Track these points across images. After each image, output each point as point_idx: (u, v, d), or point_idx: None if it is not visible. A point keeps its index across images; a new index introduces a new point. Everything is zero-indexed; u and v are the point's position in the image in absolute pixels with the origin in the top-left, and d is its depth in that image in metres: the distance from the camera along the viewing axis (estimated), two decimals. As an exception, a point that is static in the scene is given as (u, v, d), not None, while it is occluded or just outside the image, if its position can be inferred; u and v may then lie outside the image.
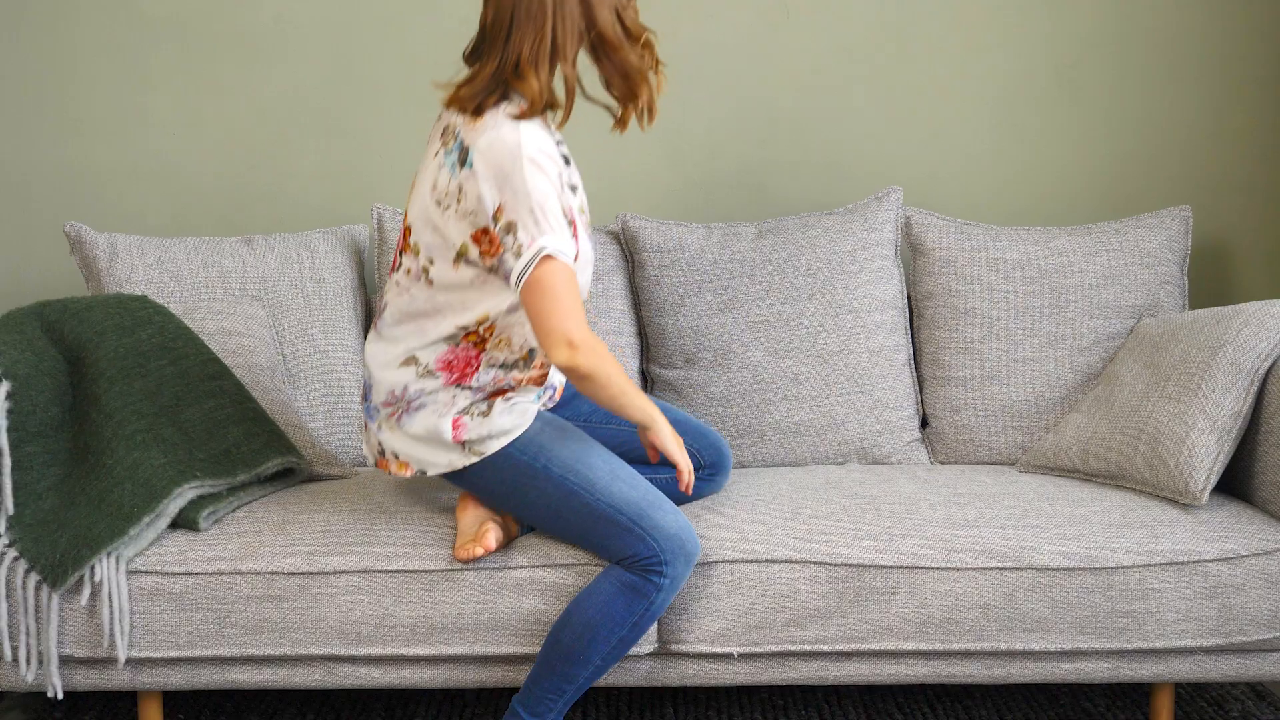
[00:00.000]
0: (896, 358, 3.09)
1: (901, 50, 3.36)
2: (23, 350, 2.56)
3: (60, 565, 2.42)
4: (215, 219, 3.37)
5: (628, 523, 2.39)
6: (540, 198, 2.27)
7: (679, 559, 2.38)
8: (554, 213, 2.28)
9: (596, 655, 2.39)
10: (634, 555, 2.38)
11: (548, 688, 2.41)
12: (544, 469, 2.43)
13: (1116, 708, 2.85)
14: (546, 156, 2.30)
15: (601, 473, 2.42)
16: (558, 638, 2.40)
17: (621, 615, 2.37)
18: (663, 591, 2.38)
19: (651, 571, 2.37)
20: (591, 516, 2.41)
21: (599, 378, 2.32)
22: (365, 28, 3.35)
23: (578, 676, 2.40)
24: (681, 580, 2.40)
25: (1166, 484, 2.60)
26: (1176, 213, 3.15)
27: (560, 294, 2.27)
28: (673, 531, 2.39)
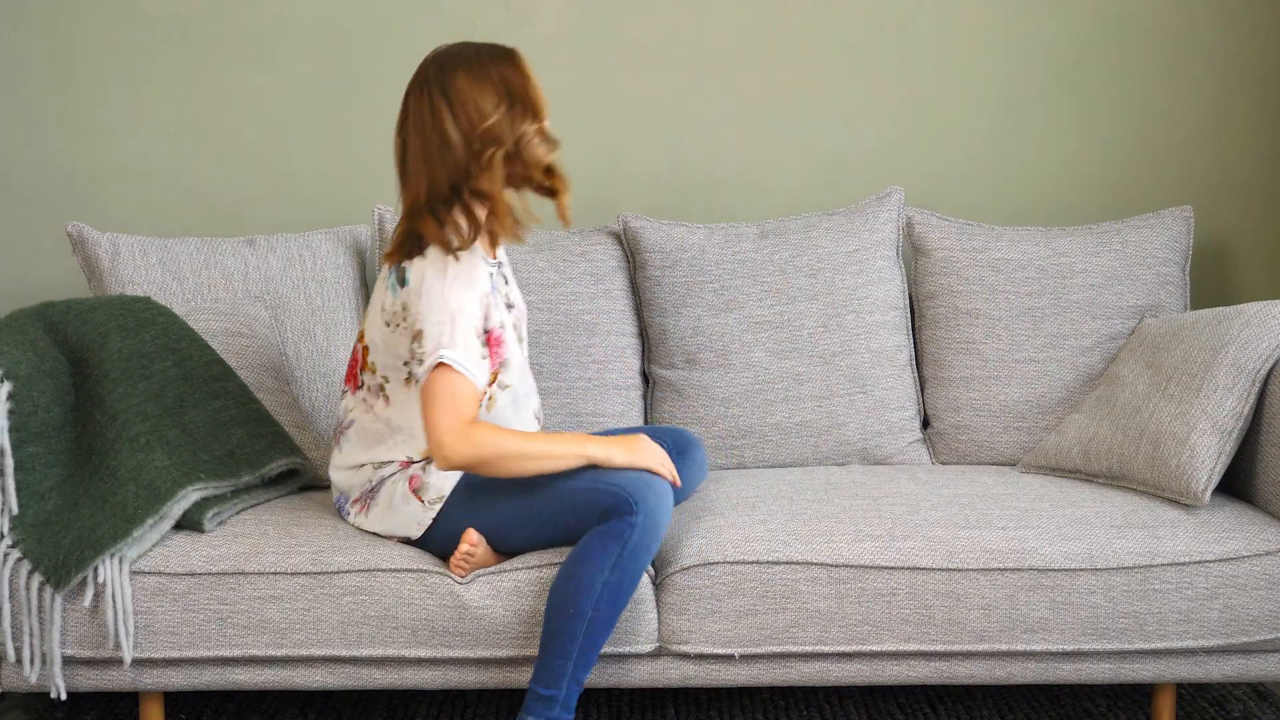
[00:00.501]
0: (898, 358, 3.09)
1: (903, 50, 3.36)
2: (24, 351, 2.56)
3: (63, 566, 2.42)
4: (217, 219, 3.37)
5: (588, 485, 2.42)
6: (453, 312, 2.40)
7: (647, 495, 2.39)
8: (464, 330, 2.40)
9: (586, 605, 2.36)
10: (604, 509, 2.40)
11: (554, 652, 2.39)
12: (499, 484, 2.48)
13: (1118, 708, 2.85)
14: (470, 279, 2.43)
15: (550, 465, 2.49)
16: (550, 597, 2.40)
17: (599, 557, 2.37)
18: (636, 529, 2.37)
19: (624, 513, 2.38)
20: (557, 500, 2.45)
21: (490, 459, 2.40)
22: (366, 28, 3.35)
23: (575, 633, 2.38)
24: (658, 520, 2.39)
25: (1168, 484, 2.60)
26: (1178, 213, 3.15)
27: (442, 399, 2.38)
28: (634, 476, 2.43)
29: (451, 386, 2.39)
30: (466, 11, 3.36)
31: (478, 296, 2.44)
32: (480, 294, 2.45)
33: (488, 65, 2.47)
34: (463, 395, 2.39)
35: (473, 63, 2.46)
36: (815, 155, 3.39)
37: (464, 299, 2.42)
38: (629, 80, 3.37)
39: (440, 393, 2.38)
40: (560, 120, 3.38)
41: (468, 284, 2.43)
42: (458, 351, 2.39)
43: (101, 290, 3.06)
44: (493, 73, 2.46)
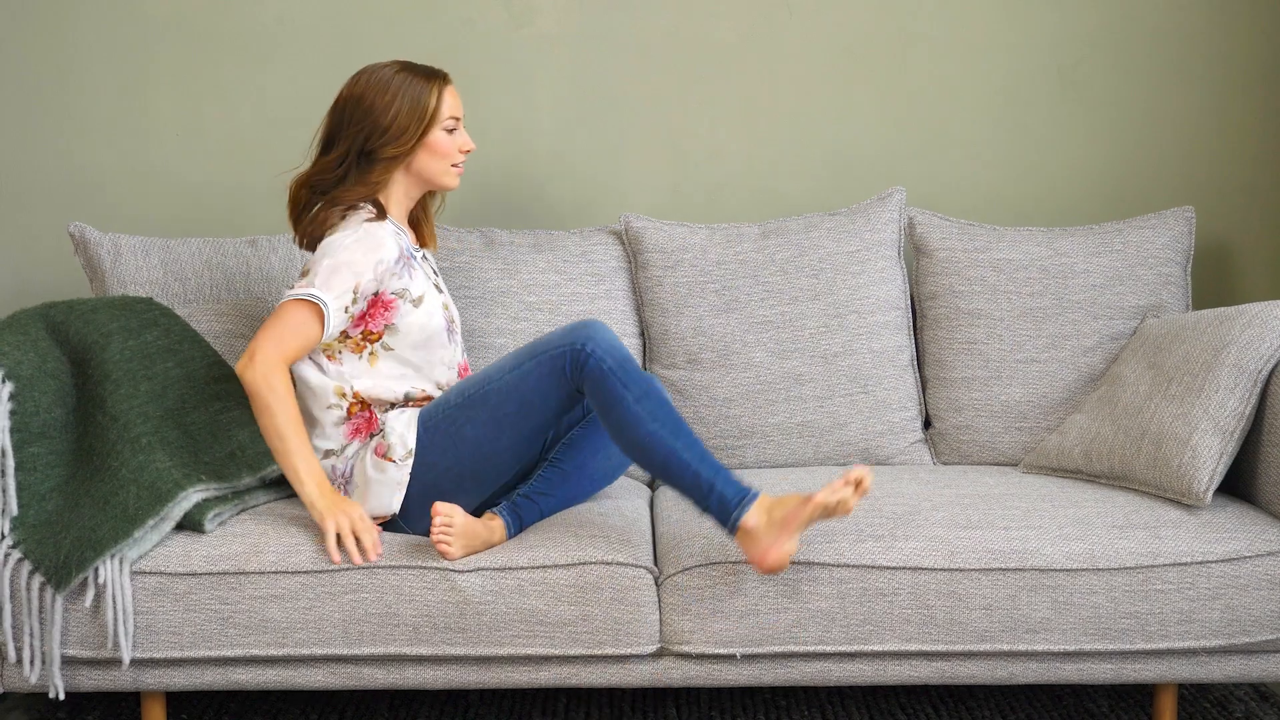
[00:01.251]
0: (900, 358, 3.09)
1: (904, 50, 3.36)
2: (26, 351, 2.56)
3: (64, 567, 2.42)
4: (218, 220, 3.37)
5: (531, 362, 2.52)
6: (340, 263, 2.56)
7: (580, 331, 2.49)
8: (341, 282, 2.55)
9: (649, 430, 2.45)
10: (562, 367, 2.50)
11: (682, 479, 2.44)
12: (453, 408, 2.56)
13: (1120, 709, 2.85)
14: (372, 244, 2.60)
15: (486, 370, 2.59)
16: (639, 462, 2.48)
17: (611, 401, 2.46)
18: (603, 355, 2.47)
19: (582, 357, 2.47)
20: (515, 389, 2.53)
21: (256, 404, 2.52)
22: (368, 28, 3.35)
23: (675, 452, 2.44)
24: (605, 335, 2.49)
25: (1169, 485, 2.60)
26: (1180, 213, 3.15)
27: (286, 324, 2.54)
28: (560, 331, 2.53)
29: (298, 319, 2.54)
30: (467, 12, 3.36)
31: (374, 260, 2.59)
32: (376, 259, 2.59)
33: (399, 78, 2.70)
34: (298, 330, 2.54)
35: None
36: (817, 155, 3.39)
37: (355, 256, 2.57)
38: (630, 80, 3.37)
39: (287, 318, 2.54)
40: (561, 120, 3.40)
41: (367, 245, 2.59)
42: (330, 296, 2.54)
43: (103, 291, 3.06)
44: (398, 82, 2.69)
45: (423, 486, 2.56)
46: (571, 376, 2.50)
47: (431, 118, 2.68)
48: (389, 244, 2.62)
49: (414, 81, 2.67)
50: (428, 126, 2.67)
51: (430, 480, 2.56)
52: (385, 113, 2.65)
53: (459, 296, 3.08)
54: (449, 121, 2.70)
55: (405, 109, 2.65)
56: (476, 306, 3.08)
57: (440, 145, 2.70)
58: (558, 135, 3.38)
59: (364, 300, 2.59)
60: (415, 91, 2.67)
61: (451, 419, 2.56)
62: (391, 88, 2.65)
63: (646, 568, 2.49)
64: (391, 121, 2.65)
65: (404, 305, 2.63)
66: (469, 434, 2.55)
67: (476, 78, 3.36)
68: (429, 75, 2.70)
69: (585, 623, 2.46)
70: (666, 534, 2.61)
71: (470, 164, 3.34)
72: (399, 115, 2.65)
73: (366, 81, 2.67)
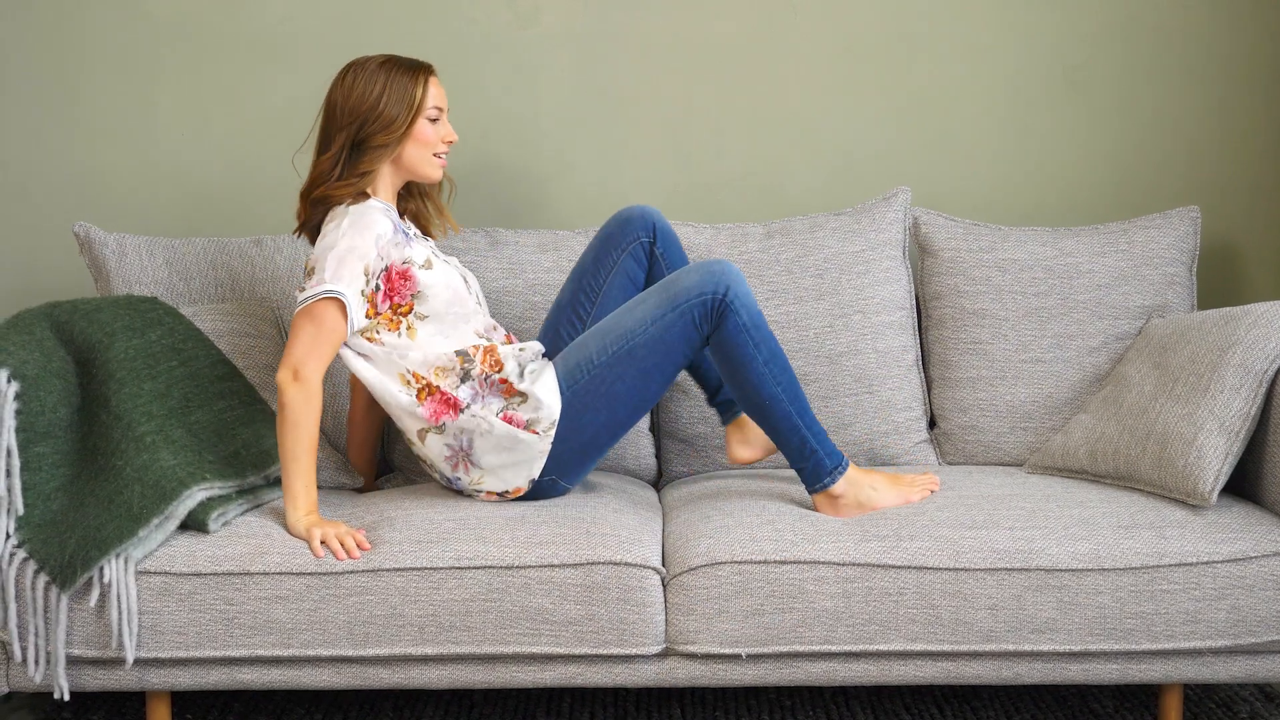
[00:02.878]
0: (904, 358, 3.09)
1: (909, 50, 3.36)
2: (31, 351, 2.56)
3: (69, 566, 2.42)
4: (224, 219, 3.37)
5: (670, 310, 2.59)
6: (343, 251, 2.59)
7: (719, 276, 2.58)
8: (350, 269, 2.59)
9: (771, 388, 2.59)
10: (701, 315, 2.58)
11: (788, 438, 2.61)
12: (600, 367, 2.63)
13: (1125, 709, 2.85)
14: (366, 222, 2.63)
15: (625, 322, 2.64)
16: (750, 413, 2.63)
17: (743, 352, 2.59)
18: (741, 305, 2.57)
19: (720, 305, 2.58)
20: (657, 344, 2.60)
21: (289, 418, 2.54)
22: (372, 28, 3.35)
23: (787, 412, 2.60)
24: (741, 283, 2.59)
25: (1175, 485, 2.60)
26: (1185, 213, 3.15)
27: (319, 332, 2.58)
28: (691, 272, 2.61)
29: (329, 321, 2.58)
30: (471, 12, 3.36)
31: (372, 237, 2.62)
32: (374, 235, 2.62)
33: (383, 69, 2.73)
34: (331, 333, 2.58)
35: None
36: (821, 155, 3.39)
37: (354, 240, 2.61)
38: (634, 80, 3.37)
39: (320, 322, 2.58)
40: (566, 120, 3.40)
41: (361, 226, 2.62)
42: (345, 286, 2.58)
43: (108, 290, 3.06)
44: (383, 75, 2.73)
45: (570, 447, 2.64)
46: (710, 321, 2.59)
47: (418, 107, 2.71)
48: (379, 218, 2.65)
49: (400, 73, 2.72)
50: (414, 115, 2.71)
51: (582, 440, 2.65)
52: (375, 103, 2.69)
53: (464, 296, 3.08)
54: (432, 111, 2.74)
55: (393, 99, 2.70)
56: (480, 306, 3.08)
57: (424, 134, 2.73)
58: (562, 135, 3.38)
59: (375, 279, 2.63)
60: (402, 82, 2.71)
61: (600, 378, 2.63)
62: (379, 79, 2.70)
63: (653, 568, 2.49)
64: (381, 111, 2.69)
65: (418, 271, 2.67)
66: (620, 390, 2.63)
67: (480, 77, 3.36)
68: (414, 67, 2.74)
69: (591, 622, 2.46)
70: (673, 534, 2.61)
71: (474, 163, 3.35)
72: (388, 105, 2.69)
73: (354, 75, 2.71)
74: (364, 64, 2.72)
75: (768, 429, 2.63)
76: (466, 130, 3.33)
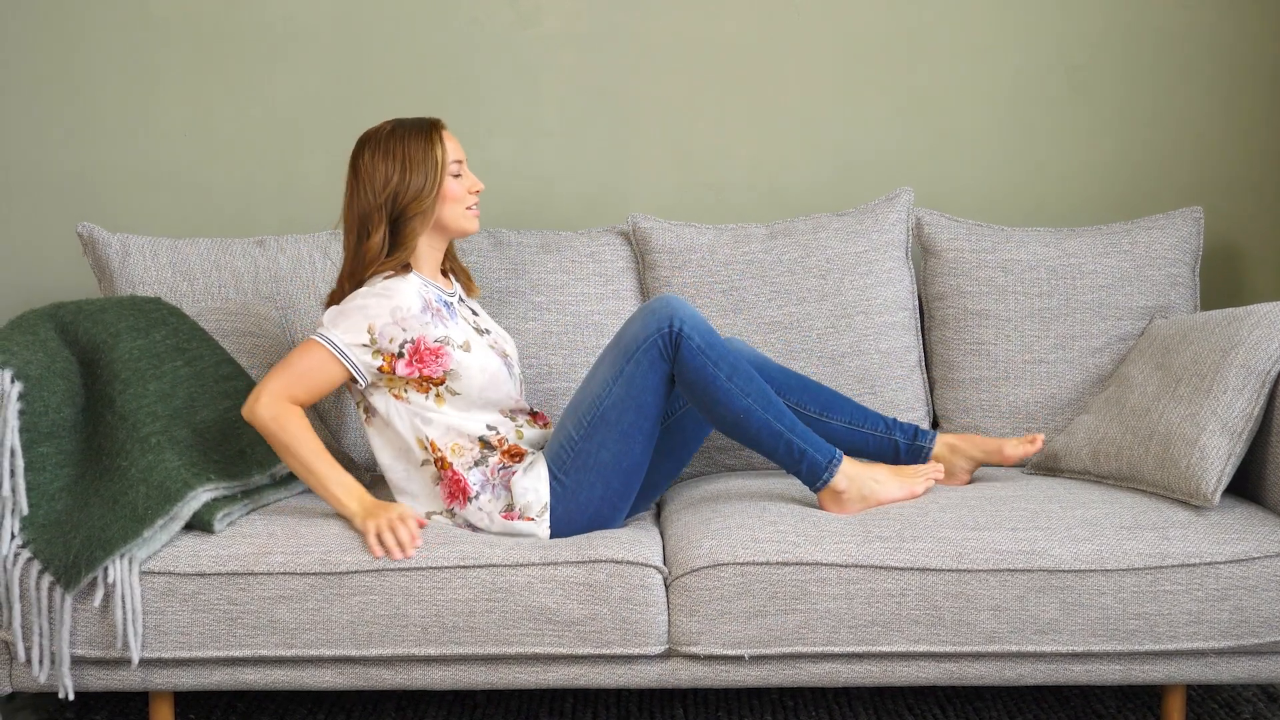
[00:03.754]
0: (907, 359, 3.09)
1: (912, 50, 3.36)
2: (35, 351, 2.56)
3: (73, 567, 2.42)
4: (227, 220, 3.37)
5: (627, 352, 2.59)
6: (351, 309, 2.61)
7: (664, 308, 2.58)
8: (349, 322, 2.59)
9: (742, 403, 2.57)
10: (660, 349, 2.57)
11: (775, 449, 2.60)
12: (579, 442, 2.61)
13: (1128, 710, 2.85)
14: (386, 292, 2.62)
15: (590, 391, 2.64)
16: (733, 436, 2.60)
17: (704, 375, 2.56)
18: (693, 332, 2.56)
19: (674, 337, 2.57)
20: (625, 399, 2.59)
21: (273, 441, 2.56)
22: (375, 28, 3.35)
23: (767, 425, 2.58)
24: (690, 310, 2.59)
25: (1178, 485, 2.60)
26: (1188, 214, 3.15)
27: (293, 364, 2.58)
28: (650, 310, 2.60)
29: (307, 361, 2.58)
30: (474, 12, 3.36)
31: (389, 306, 2.60)
32: (392, 305, 2.60)
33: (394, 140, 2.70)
34: (307, 373, 2.57)
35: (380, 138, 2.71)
36: (824, 156, 3.39)
37: (368, 301, 2.60)
38: (637, 80, 3.37)
39: (295, 359, 2.58)
40: (569, 120, 3.40)
41: (381, 294, 2.62)
42: (339, 334, 2.58)
43: (112, 291, 3.07)
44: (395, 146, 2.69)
45: (575, 527, 2.61)
46: (668, 358, 2.57)
47: (441, 168, 2.68)
48: (407, 292, 2.62)
49: (414, 137, 2.68)
50: (440, 177, 2.67)
51: (585, 518, 2.61)
52: (402, 176, 2.65)
53: (467, 297, 3.08)
54: (454, 166, 2.71)
55: (415, 166, 2.66)
56: (485, 307, 3.08)
57: (453, 192, 2.70)
58: (565, 135, 3.38)
59: (390, 343, 2.59)
60: (419, 146, 2.67)
61: (583, 453, 2.60)
62: (396, 151, 2.66)
63: (656, 568, 2.49)
64: (409, 183, 2.65)
65: (454, 351, 2.63)
66: (605, 458, 2.59)
67: (484, 78, 3.36)
68: (425, 127, 2.70)
69: (594, 622, 2.46)
70: (675, 535, 2.61)
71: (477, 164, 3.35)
72: (413, 175, 2.65)
73: (371, 153, 2.67)
74: (375, 137, 2.68)
75: (752, 443, 2.60)
76: (470, 129, 3.34)
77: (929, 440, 2.81)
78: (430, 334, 2.61)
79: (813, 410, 2.79)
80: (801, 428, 2.61)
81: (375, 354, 2.59)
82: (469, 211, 2.73)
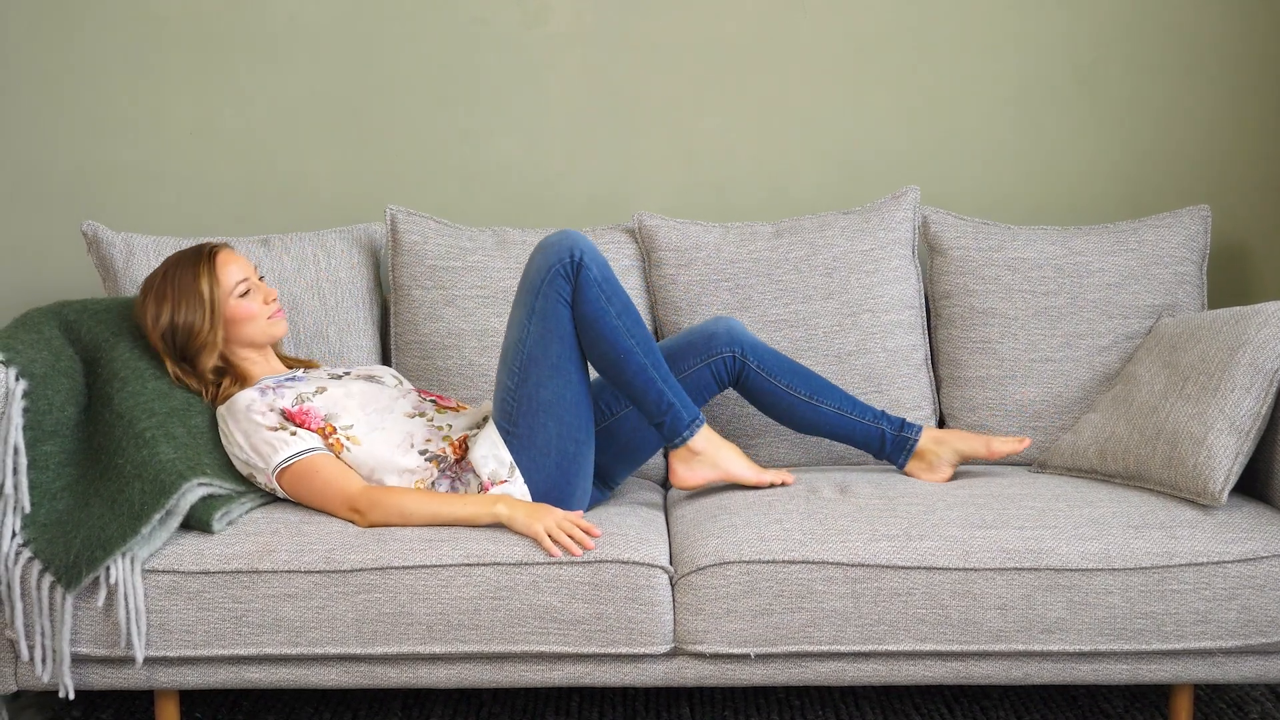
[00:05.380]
0: (914, 357, 3.08)
1: (919, 49, 3.35)
2: (39, 349, 2.56)
3: (74, 567, 2.42)
4: (231, 219, 3.37)
5: (535, 298, 2.60)
6: (251, 429, 2.64)
7: (564, 241, 2.60)
8: (274, 435, 2.63)
9: (624, 341, 2.59)
10: (560, 285, 2.59)
11: (645, 392, 2.62)
12: (515, 389, 2.62)
13: (1135, 709, 2.84)
14: (239, 415, 2.67)
15: (511, 337, 2.65)
16: (600, 370, 2.63)
17: (596, 309, 2.58)
18: (590, 264, 2.58)
19: (574, 267, 2.59)
20: (544, 335, 2.60)
21: (391, 523, 2.56)
22: (380, 27, 3.35)
23: (642, 364, 2.61)
24: (589, 244, 2.61)
25: (1185, 484, 2.59)
26: (1195, 212, 3.14)
27: (315, 478, 2.61)
28: (549, 243, 2.62)
29: (320, 474, 2.61)
30: (480, 11, 3.35)
31: (251, 420, 2.64)
32: (251, 418, 2.64)
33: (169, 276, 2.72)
34: (327, 472, 2.61)
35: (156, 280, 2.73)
36: (830, 154, 3.38)
37: (241, 425, 2.65)
38: (644, 79, 3.37)
39: (314, 483, 2.61)
40: (574, 119, 3.40)
41: (235, 415, 2.66)
42: (286, 444, 2.62)
43: (116, 289, 3.06)
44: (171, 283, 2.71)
45: (547, 475, 2.63)
46: (570, 286, 2.60)
47: (212, 302, 2.69)
48: (243, 405, 2.66)
49: (182, 275, 2.70)
50: (213, 309, 2.69)
51: (553, 462, 2.63)
52: (172, 319, 2.68)
53: (471, 295, 3.08)
54: (239, 288, 2.72)
55: (186, 306, 2.68)
56: (489, 305, 3.08)
57: (242, 312, 2.73)
58: (570, 134, 3.38)
59: (283, 418, 2.66)
60: (187, 284, 2.69)
61: (525, 398, 2.62)
62: (167, 293, 2.69)
63: (662, 567, 2.48)
64: (181, 323, 2.68)
65: (314, 400, 2.69)
66: (546, 396, 2.61)
67: (489, 77, 3.36)
68: (195, 260, 2.72)
69: (599, 621, 2.46)
70: (680, 534, 2.60)
71: (483, 162, 3.35)
72: (185, 315, 2.68)
73: (144, 301, 2.71)
74: (150, 283, 2.72)
75: (623, 384, 2.63)
76: (475, 127, 3.33)
77: (915, 433, 2.83)
78: (284, 403, 2.67)
79: (802, 393, 2.80)
80: (674, 382, 2.65)
81: (292, 431, 2.64)
82: (270, 320, 2.76)
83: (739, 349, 2.80)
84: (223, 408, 2.69)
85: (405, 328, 3.12)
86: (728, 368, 2.80)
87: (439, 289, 3.10)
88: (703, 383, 2.80)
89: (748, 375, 2.80)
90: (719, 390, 2.83)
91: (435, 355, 3.08)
